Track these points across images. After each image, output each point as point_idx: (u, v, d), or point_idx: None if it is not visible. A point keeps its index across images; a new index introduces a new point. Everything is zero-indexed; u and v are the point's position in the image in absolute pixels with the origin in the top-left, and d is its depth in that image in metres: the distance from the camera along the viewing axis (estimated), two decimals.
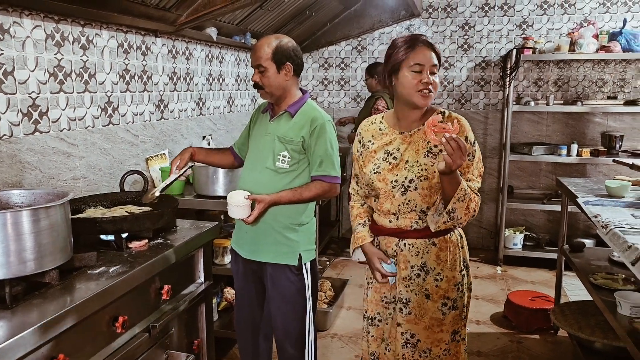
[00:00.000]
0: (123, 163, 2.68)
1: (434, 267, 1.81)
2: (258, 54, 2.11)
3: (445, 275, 1.82)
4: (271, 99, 2.19)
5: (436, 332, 1.83)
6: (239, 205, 2.06)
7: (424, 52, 1.73)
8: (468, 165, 1.74)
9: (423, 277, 1.82)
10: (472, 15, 4.75)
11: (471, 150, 1.75)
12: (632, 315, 2.19)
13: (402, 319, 1.85)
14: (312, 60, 5.18)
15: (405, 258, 1.83)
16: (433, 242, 1.81)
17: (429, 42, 1.77)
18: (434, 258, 1.81)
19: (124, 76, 2.66)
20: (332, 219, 5.36)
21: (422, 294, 1.82)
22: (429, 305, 1.82)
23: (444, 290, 1.81)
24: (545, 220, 4.86)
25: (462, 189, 1.64)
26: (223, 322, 3.06)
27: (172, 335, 1.90)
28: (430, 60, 1.73)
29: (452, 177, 1.62)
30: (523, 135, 4.78)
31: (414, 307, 1.82)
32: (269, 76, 2.11)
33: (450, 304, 1.83)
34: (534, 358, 3.04)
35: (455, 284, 1.83)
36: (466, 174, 1.74)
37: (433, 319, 1.82)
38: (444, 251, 1.82)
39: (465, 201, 1.66)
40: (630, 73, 4.53)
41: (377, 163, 1.84)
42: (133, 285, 1.62)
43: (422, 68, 1.72)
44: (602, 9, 4.50)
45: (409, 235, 1.82)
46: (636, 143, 4.57)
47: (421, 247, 1.82)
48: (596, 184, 3.01)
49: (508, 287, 4.07)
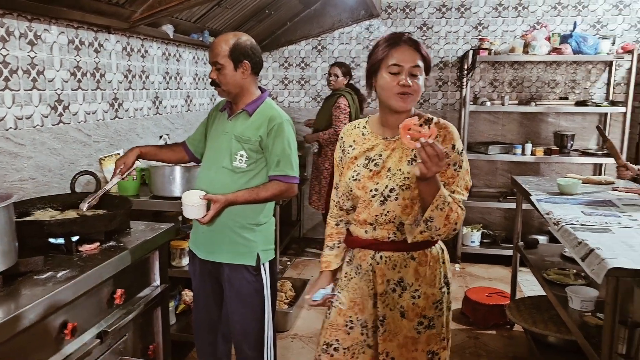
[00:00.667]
0: (75, 163, 2.59)
1: (411, 282, 1.67)
2: (215, 51, 2.07)
3: (423, 292, 1.67)
4: (228, 97, 2.15)
5: (410, 350, 1.68)
6: (194, 205, 2.02)
7: (404, 51, 1.59)
8: (453, 175, 1.61)
9: (399, 293, 1.67)
10: (430, 16, 4.82)
11: (458, 160, 1.62)
12: (583, 309, 2.27)
13: (379, 339, 1.70)
14: (272, 60, 5.15)
15: (381, 272, 1.68)
16: (412, 255, 1.67)
17: (413, 41, 1.62)
18: (412, 273, 1.67)
19: (75, 73, 2.57)
20: (293, 219, 5.34)
21: (397, 310, 1.68)
22: (404, 323, 1.68)
23: (421, 309, 1.67)
24: (502, 217, 4.99)
25: (442, 197, 1.50)
26: (181, 326, 3.00)
27: (126, 341, 1.85)
28: (410, 61, 1.58)
29: (429, 183, 1.48)
30: (480, 134, 4.88)
31: (388, 323, 1.69)
32: (226, 74, 2.08)
33: (427, 323, 1.68)
34: (490, 353, 3.10)
35: (435, 301, 1.68)
36: (451, 185, 1.60)
37: (407, 338, 1.68)
38: (423, 266, 1.67)
39: (445, 210, 1.52)
40: (581, 75, 4.69)
41: (357, 170, 1.70)
42: (83, 290, 1.56)
43: (401, 69, 1.58)
44: (554, 12, 4.65)
45: (385, 247, 1.67)
46: (586, 142, 4.75)
47: (399, 260, 1.67)
48: (549, 182, 3.11)
49: (466, 284, 4.15)
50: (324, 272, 1.89)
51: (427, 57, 1.63)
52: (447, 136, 1.62)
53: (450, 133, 1.63)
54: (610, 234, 2.03)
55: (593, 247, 1.84)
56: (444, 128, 1.64)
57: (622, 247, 1.86)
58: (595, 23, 4.60)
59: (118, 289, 1.77)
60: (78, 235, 1.77)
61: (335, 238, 1.87)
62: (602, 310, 2.19)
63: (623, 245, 1.89)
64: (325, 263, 1.88)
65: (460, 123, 4.81)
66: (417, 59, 1.60)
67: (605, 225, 2.14)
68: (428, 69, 1.65)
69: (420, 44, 1.63)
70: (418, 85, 1.60)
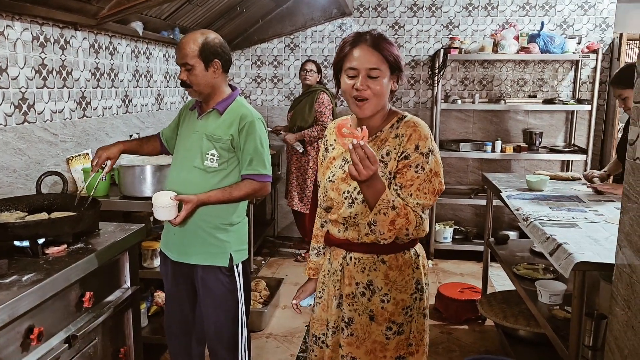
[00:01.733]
0: (41, 164, 2.52)
1: (381, 286, 1.61)
2: (184, 52, 2.03)
3: (393, 297, 1.61)
4: (200, 97, 2.13)
5: (379, 357, 1.63)
6: (165, 206, 1.99)
7: (361, 53, 1.52)
8: (413, 178, 1.52)
9: (368, 297, 1.62)
10: (401, 15, 4.85)
11: (421, 162, 1.52)
12: (551, 303, 2.32)
13: (343, 341, 1.65)
14: (244, 58, 5.11)
15: (350, 273, 1.63)
16: (382, 259, 1.61)
17: (374, 40, 1.54)
18: (382, 277, 1.61)
19: (40, 71, 2.50)
20: (268, 218, 5.31)
21: (366, 314, 1.62)
22: (373, 327, 1.62)
23: (390, 313, 1.61)
24: (473, 214, 5.06)
25: (385, 201, 1.45)
26: (153, 327, 2.96)
27: (95, 345, 1.80)
28: (367, 63, 1.51)
29: (369, 186, 1.43)
30: (451, 132, 4.94)
31: (356, 328, 1.63)
32: (196, 74, 2.04)
33: (396, 329, 1.62)
34: (462, 348, 3.15)
35: (404, 307, 1.62)
36: (408, 187, 1.52)
37: (376, 342, 1.62)
38: (394, 270, 1.61)
39: (389, 215, 1.46)
40: (548, 73, 4.79)
41: (334, 171, 1.66)
42: (49, 293, 1.52)
43: (356, 72, 1.52)
44: (522, 12, 4.74)
45: (355, 248, 1.63)
46: (554, 139, 4.85)
47: (368, 263, 1.61)
48: (518, 179, 3.17)
49: (439, 280, 4.20)
50: (311, 278, 1.87)
51: (392, 56, 1.54)
52: (413, 135, 1.54)
53: (416, 132, 1.54)
54: (577, 229, 2.08)
55: (561, 242, 1.88)
56: (410, 127, 1.56)
57: (588, 242, 1.91)
58: (561, 23, 4.71)
59: (87, 291, 1.73)
60: (44, 238, 1.72)
61: (320, 240, 1.84)
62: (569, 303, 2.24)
63: (589, 239, 1.94)
64: (312, 270, 1.86)
65: (432, 121, 4.85)
66: (376, 61, 1.52)
67: (572, 221, 2.19)
68: (396, 68, 1.56)
69: (382, 42, 1.54)
70: (375, 88, 1.52)
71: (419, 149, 1.53)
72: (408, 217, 1.49)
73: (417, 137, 1.54)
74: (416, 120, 1.60)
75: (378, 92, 1.53)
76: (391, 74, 1.57)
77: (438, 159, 1.57)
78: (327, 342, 1.72)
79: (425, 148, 1.53)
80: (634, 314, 1.41)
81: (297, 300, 1.87)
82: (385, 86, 1.55)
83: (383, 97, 1.56)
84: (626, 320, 1.45)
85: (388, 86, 1.57)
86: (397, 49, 1.59)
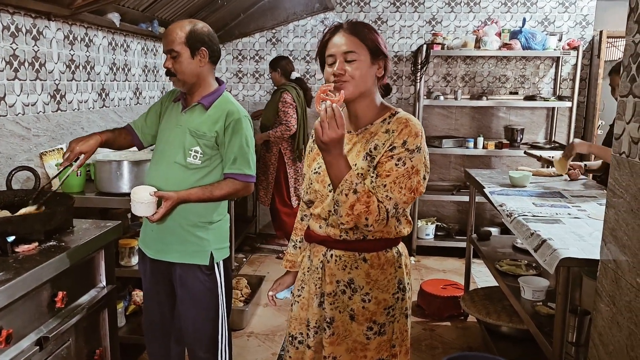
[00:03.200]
0: (12, 159, 2.43)
1: (362, 285, 1.57)
2: (170, 38, 1.97)
3: (374, 296, 1.57)
4: (184, 88, 2.05)
5: (359, 356, 1.60)
6: (143, 202, 1.92)
7: (338, 39, 1.51)
8: (392, 169, 1.47)
9: (349, 295, 1.58)
10: (384, 10, 4.83)
11: (403, 156, 1.48)
12: (534, 299, 2.31)
13: (325, 341, 1.62)
14: (225, 52, 5.03)
15: (331, 271, 1.60)
16: (364, 257, 1.57)
17: (351, 26, 1.52)
18: (363, 275, 1.57)
19: (11, 62, 2.41)
20: (249, 215, 5.26)
21: (347, 313, 1.59)
22: (353, 327, 1.59)
23: (371, 313, 1.58)
24: (455, 210, 5.07)
25: (348, 182, 1.41)
26: (131, 327, 2.89)
27: (69, 346, 1.74)
28: (341, 47, 1.49)
29: (332, 158, 1.40)
30: (434, 128, 4.94)
31: (337, 326, 1.60)
32: (181, 62, 1.97)
33: (377, 329, 1.59)
34: (445, 344, 3.14)
35: (386, 307, 1.59)
36: (383, 177, 1.47)
37: (356, 342, 1.59)
38: (376, 269, 1.57)
39: (349, 198, 1.41)
40: (529, 70, 4.81)
41: (320, 162, 1.60)
42: (19, 294, 1.45)
43: (334, 59, 1.51)
44: (504, 8, 4.75)
45: (337, 245, 1.59)
46: (535, 136, 4.88)
47: (349, 261, 1.58)
48: (501, 175, 3.16)
49: (421, 276, 4.19)
50: (289, 271, 1.86)
51: (369, 40, 1.52)
52: (403, 131, 1.50)
53: (407, 128, 1.51)
54: (560, 225, 2.07)
55: (545, 238, 1.87)
56: (402, 123, 1.52)
57: (572, 237, 1.90)
58: (543, 20, 4.73)
59: (59, 291, 1.66)
60: (14, 235, 1.65)
61: (299, 234, 1.82)
62: (552, 299, 2.24)
63: (573, 235, 1.93)
64: (290, 263, 1.85)
65: (415, 117, 4.84)
66: (352, 44, 1.50)
67: (556, 216, 2.19)
68: (377, 53, 1.53)
69: (360, 27, 1.52)
70: (350, 71, 1.49)
71: (406, 144, 1.49)
72: (369, 206, 1.42)
73: (408, 132, 1.50)
74: (409, 117, 1.56)
75: (356, 75, 1.50)
76: (373, 59, 1.54)
77: (423, 159, 1.52)
78: (308, 342, 1.67)
79: (413, 145, 1.49)
80: (619, 310, 1.40)
81: (273, 292, 1.86)
82: (365, 71, 1.52)
83: (364, 81, 1.52)
84: (611, 316, 1.44)
85: (370, 72, 1.54)
86: (377, 34, 1.56)
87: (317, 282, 1.65)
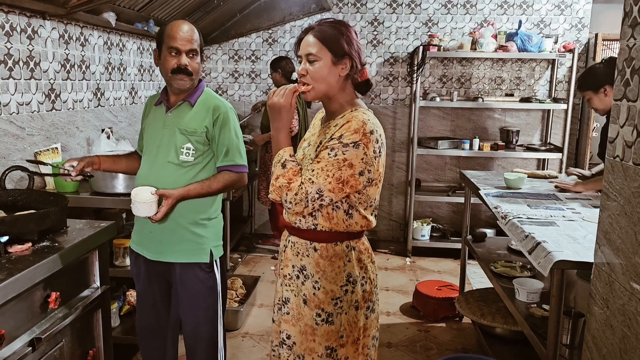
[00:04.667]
0: (6, 158, 2.42)
1: (312, 273, 1.65)
2: (192, 37, 2.00)
3: (323, 285, 1.64)
4: (189, 87, 2.04)
5: (309, 339, 1.67)
6: (146, 202, 1.91)
7: (305, 40, 1.60)
8: (322, 157, 1.54)
9: (302, 281, 1.67)
10: (381, 11, 4.83)
11: (336, 148, 1.53)
12: (529, 301, 2.31)
13: (281, 318, 1.73)
14: (221, 52, 5.02)
15: (287, 256, 1.71)
16: (314, 247, 1.65)
17: (317, 27, 1.60)
18: (313, 264, 1.64)
19: (5, 61, 2.39)
20: (245, 215, 5.25)
21: (300, 297, 1.67)
22: (306, 310, 1.66)
23: (320, 301, 1.64)
24: (451, 212, 5.07)
25: (280, 155, 1.60)
26: (126, 327, 2.87)
27: (62, 347, 1.73)
28: (305, 49, 1.59)
29: (276, 128, 1.62)
30: (429, 130, 4.94)
31: (292, 308, 1.69)
32: (198, 63, 2.03)
33: (325, 317, 1.64)
34: (440, 345, 3.14)
35: (334, 297, 1.64)
36: (314, 163, 1.56)
37: (307, 326, 1.67)
38: (324, 259, 1.64)
39: (276, 170, 1.58)
40: (525, 72, 4.82)
41: (298, 153, 1.74)
42: (12, 294, 1.44)
43: (302, 59, 1.61)
44: (500, 10, 4.76)
45: (293, 232, 1.70)
46: (530, 137, 4.89)
47: (302, 248, 1.67)
48: (496, 177, 3.17)
49: (417, 277, 4.19)
50: None
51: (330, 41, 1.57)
52: (344, 125, 1.55)
53: (348, 123, 1.55)
54: (555, 227, 2.07)
55: (539, 240, 1.87)
56: (346, 118, 1.58)
57: (566, 240, 1.90)
58: (539, 22, 4.74)
59: (52, 292, 1.65)
60: (7, 235, 1.64)
61: None
62: (547, 301, 2.24)
63: (567, 237, 1.94)
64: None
65: (410, 118, 4.86)
66: (313, 47, 1.58)
67: (550, 219, 2.19)
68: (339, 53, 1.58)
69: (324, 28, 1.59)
70: (315, 73, 1.58)
71: (342, 137, 1.54)
72: (291, 182, 1.54)
73: (347, 127, 1.55)
74: (356, 115, 1.59)
75: (316, 76, 1.58)
76: (335, 59, 1.59)
77: (362, 156, 1.54)
78: (273, 317, 1.81)
79: (348, 139, 1.53)
80: (613, 313, 1.40)
81: (275, 268, 1.91)
82: (325, 70, 1.58)
83: (325, 80, 1.59)
84: (605, 319, 1.45)
85: (332, 71, 1.59)
86: (345, 34, 1.60)
87: (280, 263, 1.78)
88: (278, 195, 1.58)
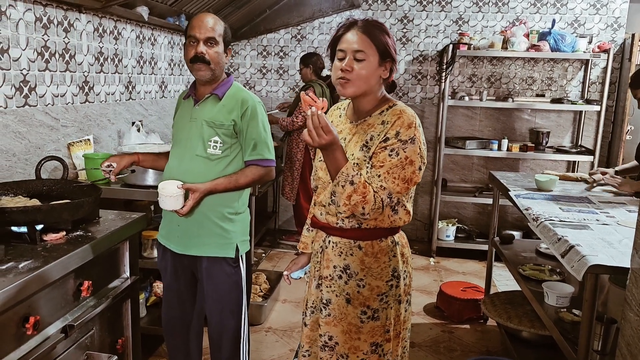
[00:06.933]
0: (41, 148, 2.47)
1: (357, 271, 1.64)
2: (212, 26, 1.99)
3: (368, 282, 1.64)
4: (208, 78, 2.03)
5: (354, 338, 1.66)
6: (172, 195, 1.93)
7: (351, 36, 1.56)
8: (385, 160, 1.53)
9: (345, 280, 1.65)
10: (411, 9, 4.78)
11: (397, 147, 1.53)
12: (558, 305, 2.27)
13: (322, 321, 1.70)
14: (250, 48, 5.04)
15: (328, 257, 1.68)
16: (359, 245, 1.64)
17: (365, 25, 1.57)
18: (358, 262, 1.64)
19: (42, 53, 2.45)
20: (269, 210, 5.27)
21: (343, 297, 1.66)
22: (349, 309, 1.65)
23: (365, 298, 1.64)
24: (476, 212, 5.01)
25: (344, 174, 1.49)
26: (152, 318, 2.91)
27: (92, 335, 1.76)
28: (353, 45, 1.54)
29: (328, 156, 1.49)
30: (457, 129, 4.89)
31: (334, 308, 1.67)
32: (218, 52, 2.02)
33: (371, 314, 1.64)
34: (464, 347, 3.11)
35: (379, 294, 1.64)
36: (377, 168, 1.54)
37: (351, 325, 1.66)
38: (370, 257, 1.63)
39: (347, 189, 1.49)
40: (557, 72, 4.73)
41: None
42: (47, 282, 1.48)
43: (344, 54, 1.56)
44: (533, 9, 4.67)
45: (334, 232, 1.67)
46: (561, 139, 4.80)
47: (345, 248, 1.65)
48: (526, 178, 3.11)
49: (441, 278, 4.15)
50: (303, 252, 1.91)
51: (380, 42, 1.56)
52: (396, 122, 1.55)
53: (400, 119, 1.55)
54: (588, 231, 2.03)
55: (573, 244, 1.84)
56: (396, 114, 1.57)
57: (601, 244, 1.86)
58: (572, 21, 4.64)
59: (85, 280, 1.69)
60: (42, 224, 1.68)
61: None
62: (577, 306, 2.20)
63: (602, 242, 1.89)
64: (303, 244, 1.89)
65: (438, 117, 4.80)
66: (363, 44, 1.55)
67: (584, 222, 2.15)
68: (385, 55, 1.58)
69: (373, 28, 1.57)
70: (356, 70, 1.55)
71: (399, 135, 1.54)
72: (365, 196, 1.50)
73: (400, 123, 1.55)
74: (403, 108, 1.60)
75: (361, 75, 1.56)
76: (381, 61, 1.58)
77: (418, 150, 1.56)
78: (305, 321, 1.77)
79: (406, 136, 1.54)
80: None
81: (288, 271, 1.90)
82: (371, 70, 1.57)
83: (368, 80, 1.57)
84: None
85: (376, 72, 1.58)
86: (389, 37, 1.61)
87: (316, 265, 1.74)
88: (353, 211, 1.53)
